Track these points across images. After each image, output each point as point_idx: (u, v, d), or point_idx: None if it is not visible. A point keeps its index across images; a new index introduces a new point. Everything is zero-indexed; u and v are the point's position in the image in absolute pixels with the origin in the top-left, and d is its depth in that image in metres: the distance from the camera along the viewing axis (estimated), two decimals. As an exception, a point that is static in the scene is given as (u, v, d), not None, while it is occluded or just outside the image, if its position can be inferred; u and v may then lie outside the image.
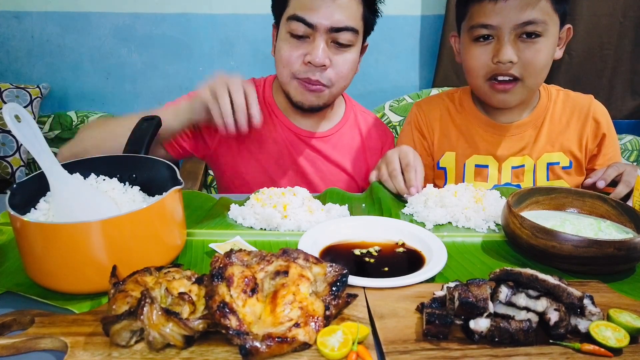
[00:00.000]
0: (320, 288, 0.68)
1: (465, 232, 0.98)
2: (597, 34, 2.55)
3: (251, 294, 0.63)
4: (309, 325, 0.61)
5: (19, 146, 2.37)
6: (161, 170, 0.89)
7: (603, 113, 1.36)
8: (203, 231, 0.94)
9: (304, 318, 0.62)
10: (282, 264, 0.68)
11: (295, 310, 0.62)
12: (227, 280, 0.63)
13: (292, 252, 0.71)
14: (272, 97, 1.39)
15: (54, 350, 0.62)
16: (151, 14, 2.50)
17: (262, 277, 0.67)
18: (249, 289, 0.63)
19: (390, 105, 2.46)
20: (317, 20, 1.16)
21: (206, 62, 2.59)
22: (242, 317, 0.60)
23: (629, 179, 1.10)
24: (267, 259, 0.69)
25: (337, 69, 1.22)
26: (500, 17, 1.15)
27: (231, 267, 0.65)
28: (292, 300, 0.63)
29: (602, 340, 0.61)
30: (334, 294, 0.66)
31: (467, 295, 0.64)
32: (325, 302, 0.65)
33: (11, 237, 0.88)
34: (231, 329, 0.58)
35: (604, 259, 0.78)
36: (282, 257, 0.69)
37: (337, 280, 0.68)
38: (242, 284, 0.63)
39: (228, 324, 0.58)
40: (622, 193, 1.09)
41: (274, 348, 0.57)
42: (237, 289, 0.63)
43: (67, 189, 0.79)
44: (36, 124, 0.77)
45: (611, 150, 1.36)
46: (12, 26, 2.48)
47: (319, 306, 0.64)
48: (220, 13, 2.52)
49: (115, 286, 0.65)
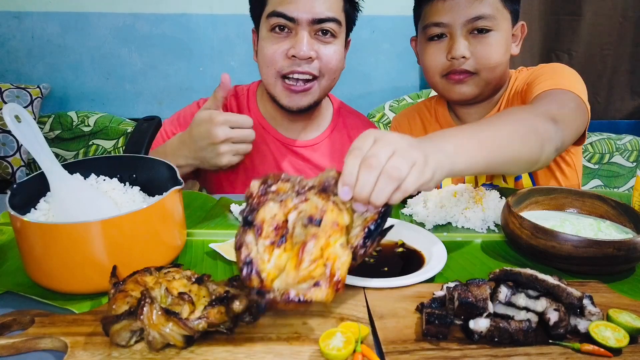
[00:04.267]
0: (354, 232, 0.67)
1: (465, 233, 0.98)
2: (597, 34, 2.55)
3: (279, 244, 0.63)
4: (329, 285, 0.61)
5: (19, 146, 2.37)
6: (161, 170, 0.89)
7: (529, 73, 1.30)
8: (203, 231, 0.94)
9: (326, 277, 0.61)
10: (318, 205, 0.65)
11: (319, 268, 0.61)
12: (257, 228, 0.63)
13: (331, 187, 0.68)
14: (256, 106, 1.37)
15: (54, 350, 0.62)
16: (151, 14, 2.50)
17: (293, 220, 0.65)
18: (277, 238, 0.63)
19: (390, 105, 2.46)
20: (298, 14, 1.15)
21: (206, 62, 2.59)
22: (265, 274, 0.61)
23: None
24: (304, 195, 0.66)
25: (325, 60, 1.20)
26: (450, 14, 1.18)
27: (263, 210, 0.64)
28: (318, 256, 0.62)
29: (601, 341, 0.61)
30: (364, 243, 0.66)
31: (466, 295, 0.64)
32: (354, 250, 0.65)
33: (11, 237, 0.88)
34: (253, 289, 0.60)
35: (604, 259, 0.78)
36: (321, 194, 0.66)
37: (371, 225, 0.67)
38: (271, 233, 0.63)
39: (249, 284, 0.60)
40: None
41: (290, 307, 0.59)
42: (266, 240, 0.63)
43: (67, 189, 0.79)
44: (36, 124, 0.77)
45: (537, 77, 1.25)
46: (13, 26, 2.48)
47: (345, 261, 0.63)
48: (220, 13, 2.52)
49: (115, 286, 0.65)
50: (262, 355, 0.60)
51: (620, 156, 2.43)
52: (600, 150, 2.43)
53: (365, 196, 0.66)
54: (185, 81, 2.62)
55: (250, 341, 0.62)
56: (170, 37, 2.54)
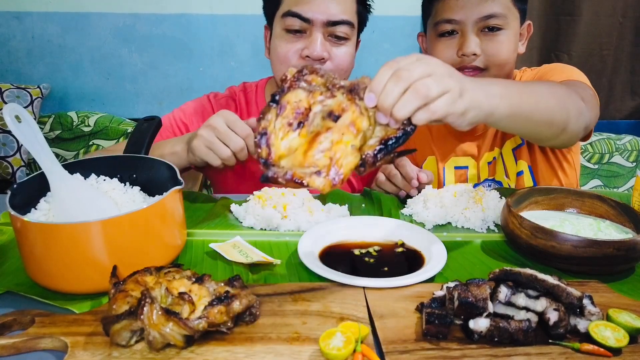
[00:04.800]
0: (370, 142, 0.67)
1: (465, 232, 0.98)
2: (597, 34, 2.55)
3: (296, 127, 0.66)
4: (329, 176, 0.64)
5: (20, 146, 2.37)
6: (161, 170, 0.89)
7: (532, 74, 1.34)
8: (203, 231, 0.94)
9: (329, 168, 0.65)
10: (342, 104, 0.67)
11: (324, 159, 0.65)
12: (281, 107, 0.67)
13: (360, 91, 0.68)
14: (264, 102, 1.38)
15: (54, 350, 0.62)
16: (151, 14, 2.50)
17: (316, 111, 0.67)
18: (296, 122, 0.66)
19: (390, 106, 2.46)
20: (313, 15, 1.16)
21: (206, 62, 2.59)
22: (275, 149, 0.65)
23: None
24: (332, 91, 0.68)
25: (336, 62, 1.22)
26: (463, 11, 1.19)
27: (291, 93, 0.67)
28: (327, 148, 0.65)
29: (601, 340, 0.61)
30: (377, 154, 0.66)
31: (466, 295, 0.64)
32: (364, 157, 0.66)
33: (11, 237, 0.88)
34: (261, 158, 0.65)
35: (603, 259, 0.78)
36: (348, 95, 0.68)
37: (390, 139, 0.67)
38: (292, 115, 0.66)
39: (259, 152, 0.65)
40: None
41: (290, 185, 0.65)
42: (284, 119, 0.66)
43: (67, 189, 0.79)
44: (36, 124, 0.77)
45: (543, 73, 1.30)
46: (13, 26, 2.48)
47: (351, 161, 0.66)
48: (220, 13, 2.52)
49: (116, 286, 0.65)
50: (262, 355, 0.60)
51: (620, 156, 2.43)
52: (600, 150, 2.43)
53: (388, 105, 0.66)
54: (185, 81, 2.61)
55: (250, 341, 0.62)
56: (170, 37, 2.54)
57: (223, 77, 2.59)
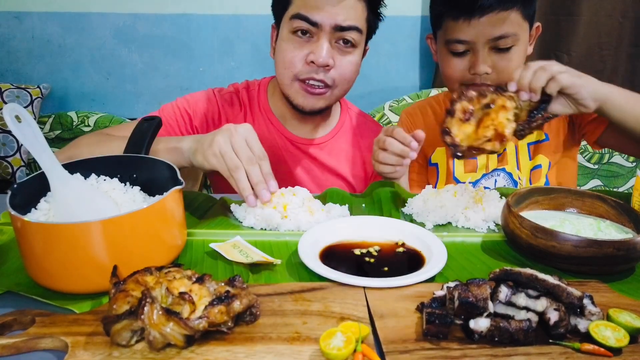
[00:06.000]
0: (521, 114, 1.01)
1: (465, 232, 0.98)
2: (597, 34, 2.55)
3: (466, 120, 0.97)
4: (497, 140, 0.97)
5: (20, 146, 2.37)
6: (161, 170, 0.89)
7: None
8: (203, 231, 0.94)
9: (495, 136, 0.97)
10: (493, 97, 0.99)
11: (490, 131, 0.96)
12: (451, 112, 0.98)
13: (504, 86, 1.01)
14: (267, 102, 1.37)
15: (55, 350, 0.63)
16: (151, 14, 2.50)
17: (478, 108, 0.98)
18: (464, 118, 0.97)
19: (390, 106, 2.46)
20: (322, 19, 1.15)
21: (206, 62, 2.59)
22: (455, 135, 0.97)
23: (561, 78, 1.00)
24: (485, 95, 0.99)
25: (341, 70, 1.21)
26: (474, 32, 1.18)
27: (457, 104, 0.98)
28: (489, 125, 0.97)
29: (601, 340, 0.61)
30: (528, 121, 1.01)
31: (467, 295, 0.64)
32: (519, 124, 1.00)
33: (12, 237, 0.88)
34: (449, 142, 0.97)
35: (604, 259, 0.78)
36: (496, 93, 0.99)
37: (533, 109, 1.01)
38: (461, 115, 0.98)
39: (446, 139, 0.98)
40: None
41: (470, 154, 0.99)
42: (456, 118, 0.98)
43: (67, 189, 0.79)
44: (36, 124, 0.77)
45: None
46: (13, 26, 2.48)
47: (509, 127, 0.97)
48: (220, 13, 2.52)
49: (116, 286, 0.65)
50: (263, 355, 0.60)
51: (619, 156, 2.43)
52: (600, 150, 2.43)
53: (526, 83, 0.98)
54: (185, 81, 2.61)
55: (250, 341, 0.62)
56: (170, 37, 2.54)
57: (223, 77, 2.59)
